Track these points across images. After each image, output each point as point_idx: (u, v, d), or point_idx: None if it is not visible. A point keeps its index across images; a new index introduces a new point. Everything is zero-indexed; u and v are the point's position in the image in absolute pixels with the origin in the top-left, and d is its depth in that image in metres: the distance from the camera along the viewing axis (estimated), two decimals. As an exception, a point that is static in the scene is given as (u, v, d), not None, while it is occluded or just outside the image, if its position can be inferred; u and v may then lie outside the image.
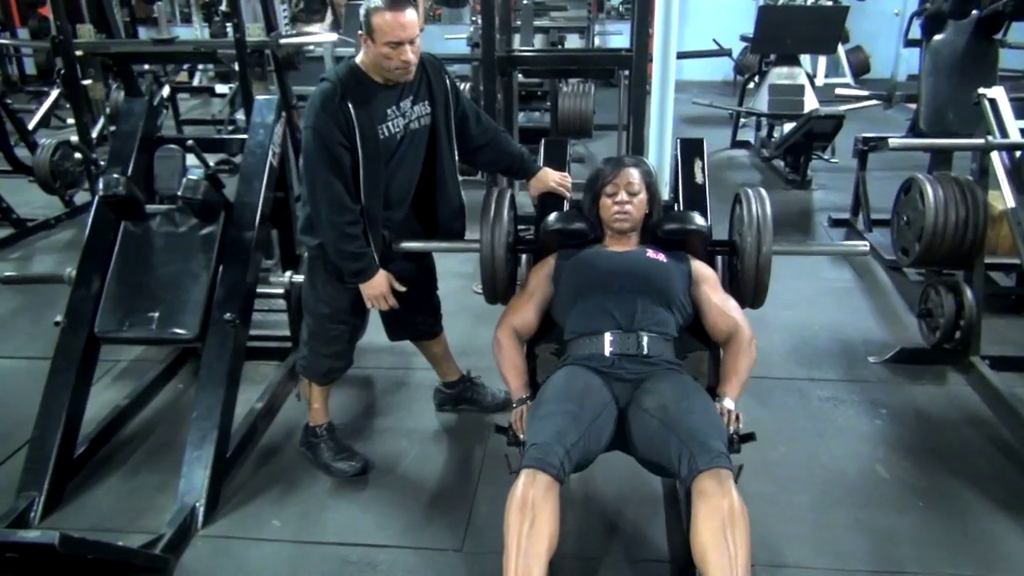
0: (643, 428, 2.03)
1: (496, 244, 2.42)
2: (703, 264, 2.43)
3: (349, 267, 2.42)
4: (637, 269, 2.31)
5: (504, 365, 2.32)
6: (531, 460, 1.87)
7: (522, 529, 1.79)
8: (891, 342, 3.61)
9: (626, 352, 2.16)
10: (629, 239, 2.44)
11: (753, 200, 2.38)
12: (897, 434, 2.97)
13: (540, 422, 1.99)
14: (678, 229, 2.47)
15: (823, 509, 2.55)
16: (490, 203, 2.48)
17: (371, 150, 2.33)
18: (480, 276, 2.49)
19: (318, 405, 2.80)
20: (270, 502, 2.63)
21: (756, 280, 2.35)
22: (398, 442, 2.96)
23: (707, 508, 1.80)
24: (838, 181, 6.15)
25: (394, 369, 3.46)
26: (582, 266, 2.36)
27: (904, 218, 3.54)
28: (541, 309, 2.40)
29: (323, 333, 2.64)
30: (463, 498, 2.63)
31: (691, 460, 1.86)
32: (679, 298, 2.29)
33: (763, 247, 2.32)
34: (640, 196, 2.42)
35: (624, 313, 2.22)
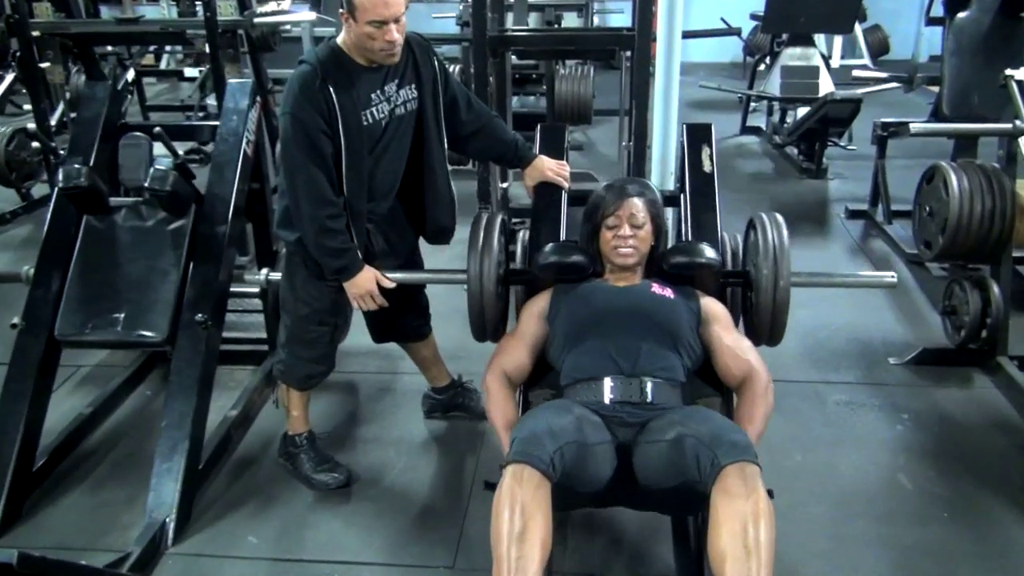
0: (652, 453, 1.96)
1: (485, 276, 2.37)
2: (713, 301, 2.37)
3: (331, 264, 2.42)
4: (641, 306, 2.26)
5: (494, 414, 2.23)
6: (516, 454, 1.81)
7: (511, 543, 1.73)
8: (913, 342, 3.62)
9: (628, 400, 2.09)
10: (633, 273, 2.39)
11: (768, 227, 2.34)
12: (920, 440, 2.99)
13: (525, 421, 1.95)
14: (686, 263, 2.40)
15: (841, 522, 2.56)
16: (479, 231, 2.43)
17: (354, 138, 2.33)
18: (468, 319, 2.44)
19: (297, 413, 2.80)
20: (246, 517, 2.63)
21: (773, 316, 2.30)
22: (384, 452, 2.96)
23: (729, 509, 1.72)
24: (855, 170, 6.16)
25: (379, 373, 3.46)
26: (580, 303, 2.30)
27: (926, 209, 3.55)
28: (535, 351, 2.34)
29: (302, 335, 2.64)
30: (454, 512, 2.63)
31: (713, 458, 1.78)
32: (687, 339, 2.23)
33: (780, 280, 2.27)
34: (645, 229, 2.37)
35: (626, 356, 2.15)
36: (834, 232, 5.13)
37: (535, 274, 2.49)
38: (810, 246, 4.84)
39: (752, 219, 2.44)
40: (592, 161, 6.39)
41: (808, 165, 6.29)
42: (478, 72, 3.99)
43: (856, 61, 9.36)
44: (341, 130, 2.30)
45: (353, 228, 2.41)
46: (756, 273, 2.34)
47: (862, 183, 5.57)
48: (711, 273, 2.42)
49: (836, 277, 2.68)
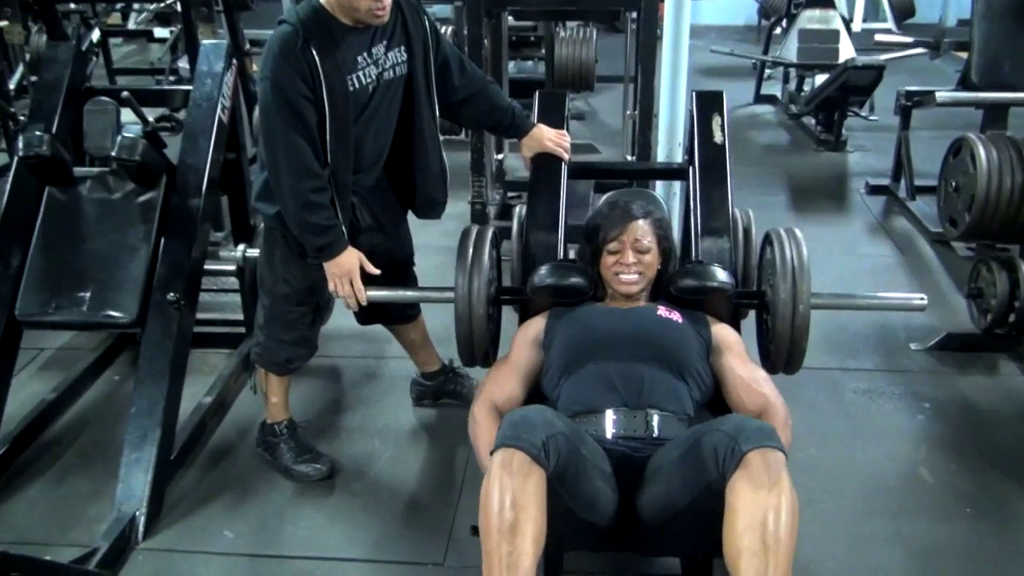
0: (662, 470, 1.91)
1: (474, 296, 2.32)
2: (725, 327, 2.33)
3: (314, 241, 2.41)
4: (646, 331, 2.21)
5: (480, 448, 2.15)
6: (503, 438, 1.74)
7: (501, 537, 1.69)
8: (936, 326, 3.63)
9: (632, 435, 2.03)
10: (636, 298, 2.35)
11: (786, 243, 2.30)
12: (942, 432, 3.00)
13: (516, 409, 1.91)
14: (696, 287, 2.35)
15: (858, 519, 2.57)
16: (467, 245, 2.38)
17: (339, 104, 2.32)
18: (455, 342, 2.40)
19: (277, 399, 2.80)
20: (221, 511, 2.63)
21: (791, 342, 2.26)
22: (369, 442, 2.97)
23: (749, 499, 1.67)
24: (877, 142, 6.16)
25: (364, 358, 3.46)
26: (578, 327, 2.25)
27: (952, 184, 3.55)
28: (528, 381, 2.28)
29: (281, 316, 2.63)
30: (445, 505, 2.64)
31: (734, 445, 1.72)
32: (696, 368, 2.18)
33: (799, 304, 2.23)
34: (651, 253, 2.33)
35: (629, 386, 2.09)
36: (853, 209, 5.13)
37: (528, 295, 2.44)
38: (827, 224, 4.84)
39: (768, 234, 2.39)
40: (594, 131, 6.38)
41: (826, 137, 6.28)
42: (472, 34, 3.97)
43: (879, 25, 9.34)
44: (325, 96, 2.28)
45: (338, 202, 2.39)
46: (772, 295, 2.29)
47: (884, 156, 5.56)
48: (723, 297, 2.37)
49: (860, 299, 2.64)
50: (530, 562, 1.71)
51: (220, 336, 3.52)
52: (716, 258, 2.50)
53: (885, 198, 5.19)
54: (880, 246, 4.56)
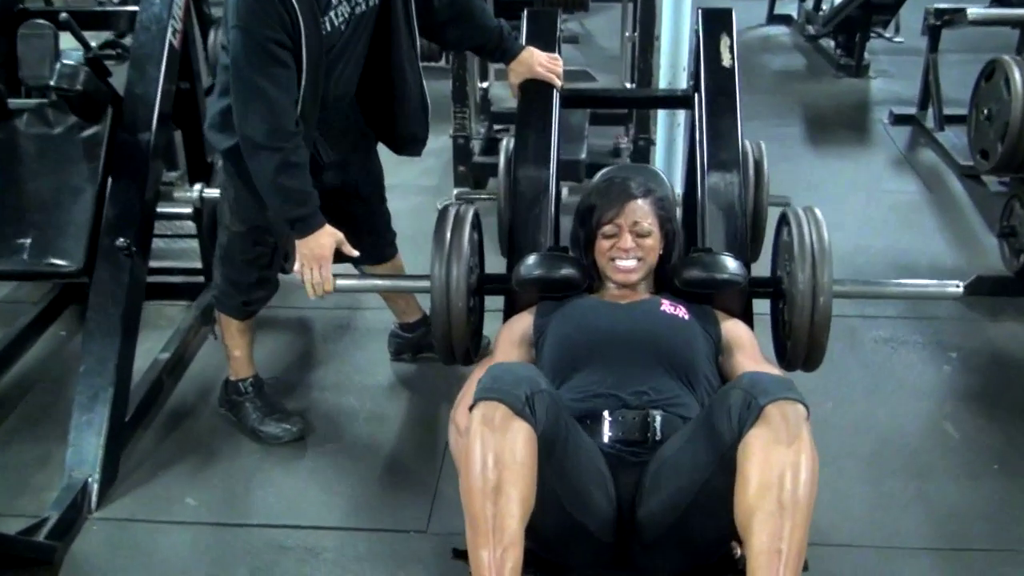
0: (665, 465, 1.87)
1: (453, 286, 2.24)
2: (736, 323, 2.26)
3: (288, 212, 2.33)
4: (648, 330, 2.13)
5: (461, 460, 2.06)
6: (483, 391, 1.72)
7: (485, 499, 1.67)
8: (965, 269, 3.65)
9: (631, 438, 1.96)
10: (636, 289, 2.28)
11: (805, 225, 2.23)
12: (970, 383, 3.04)
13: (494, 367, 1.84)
14: (703, 280, 2.27)
15: (878, 478, 2.61)
16: (445, 228, 2.30)
17: (314, 51, 2.25)
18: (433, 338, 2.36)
19: (240, 354, 2.81)
20: (182, 476, 2.65)
21: (810, 337, 2.19)
22: (344, 400, 2.99)
23: (764, 456, 1.64)
24: (902, 66, 6.12)
25: (337, 309, 3.46)
26: (571, 324, 2.18)
27: (984, 112, 3.54)
28: None
29: (237, 255, 2.64)
30: (427, 468, 2.66)
31: (750, 400, 1.69)
32: (704, 371, 2.10)
33: (820, 296, 2.15)
34: (652, 237, 2.25)
35: (629, 390, 2.02)
36: (876, 141, 5.12)
37: (515, 293, 2.39)
38: (847, 158, 4.84)
39: (785, 214, 2.33)
40: (589, 56, 6.31)
41: (847, 61, 6.25)
42: (452, -54, 3.90)
43: (906, -65, 9.22)
44: (304, 43, 2.23)
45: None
46: (790, 283, 2.22)
47: (910, 82, 5.54)
48: (735, 291, 2.30)
49: (889, 287, 2.58)
50: (517, 525, 1.71)
51: (177, 286, 3.51)
52: (724, 197, 2.48)
53: (911, 128, 5.18)
54: (905, 181, 4.56)
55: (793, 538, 1.64)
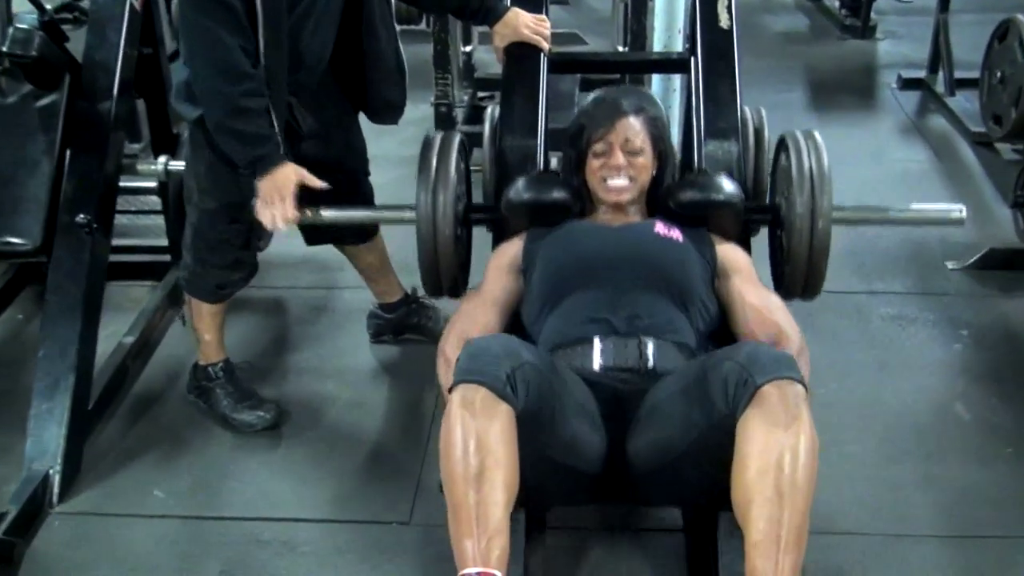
0: (659, 409, 1.94)
1: (440, 214, 2.30)
2: (732, 247, 2.33)
3: (244, 153, 2.35)
4: (641, 251, 2.21)
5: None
6: (463, 372, 1.76)
7: (467, 486, 1.71)
8: (977, 241, 3.66)
9: (624, 365, 2.04)
10: (628, 212, 2.34)
11: (804, 149, 2.29)
12: (982, 362, 3.05)
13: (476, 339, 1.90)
14: (699, 201, 2.34)
15: (885, 461, 2.62)
16: (430, 155, 2.36)
17: (271, 4, 2.26)
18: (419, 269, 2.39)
19: (210, 337, 2.80)
20: (150, 467, 2.65)
21: (809, 263, 2.27)
22: (321, 385, 2.98)
23: (762, 439, 1.69)
24: (911, 27, 6.12)
25: (313, 288, 3.46)
26: (562, 249, 2.25)
27: (997, 75, 3.56)
28: (505, 312, 2.29)
29: (210, 235, 2.61)
30: (410, 456, 2.66)
31: (747, 377, 1.73)
32: (699, 294, 2.19)
33: (819, 219, 2.22)
34: (644, 155, 2.30)
35: (621, 313, 2.10)
36: (883, 106, 5.13)
37: (504, 218, 2.43)
38: (853, 124, 4.84)
39: (783, 138, 2.38)
40: (579, 18, 6.29)
41: (852, 22, 6.24)
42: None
43: None
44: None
45: (272, 107, 2.35)
46: (787, 209, 2.29)
47: (919, 44, 5.54)
48: (731, 213, 2.36)
49: (890, 212, 2.63)
50: (502, 513, 1.73)
51: (141, 265, 3.49)
52: (722, 166, 2.49)
53: (920, 93, 5.19)
54: (913, 149, 4.57)
55: (792, 524, 1.68)
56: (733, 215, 2.36)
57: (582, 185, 2.37)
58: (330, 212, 2.53)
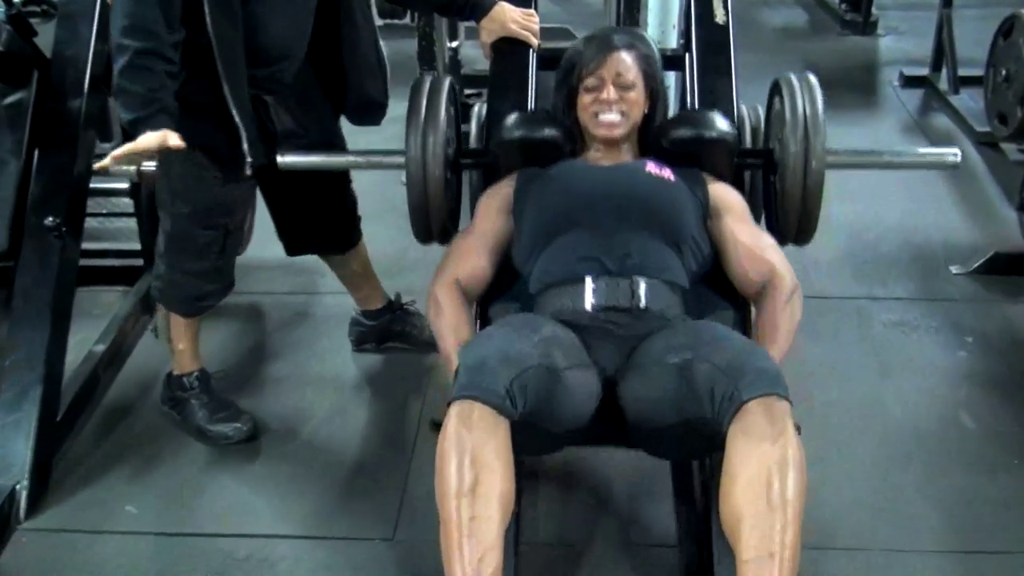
0: (648, 380, 1.99)
1: (430, 158, 2.34)
2: (725, 187, 2.37)
3: (126, 113, 2.26)
4: (633, 191, 2.24)
5: (443, 333, 2.22)
6: (461, 387, 1.80)
7: (460, 499, 1.73)
8: (982, 245, 3.67)
9: (615, 304, 2.10)
10: (620, 151, 2.39)
11: (798, 91, 2.34)
12: (987, 369, 3.06)
13: (473, 345, 1.95)
14: (692, 138, 2.39)
15: (887, 470, 2.63)
16: (420, 98, 2.39)
17: None
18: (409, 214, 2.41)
19: (185, 346, 2.79)
20: (122, 481, 2.63)
21: (802, 205, 2.32)
22: (301, 395, 2.98)
23: (750, 455, 1.73)
24: (914, 23, 6.15)
25: (293, 294, 3.45)
26: (553, 188, 2.29)
27: (1003, 73, 3.57)
28: (496, 254, 2.33)
29: (185, 241, 2.60)
30: (394, 470, 2.66)
31: (732, 390, 1.78)
32: (692, 234, 2.24)
33: (812, 160, 2.27)
34: (636, 90, 2.34)
35: (612, 253, 2.16)
36: (885, 104, 5.15)
37: (494, 155, 2.47)
38: (854, 123, 4.84)
39: (777, 81, 2.43)
40: (569, 11, 6.30)
41: (853, 17, 6.27)
42: None
43: None
44: None
45: (231, 98, 2.33)
46: (781, 151, 2.35)
47: (921, 40, 5.56)
48: (725, 151, 2.41)
49: (884, 155, 2.68)
50: (496, 528, 1.74)
51: (113, 270, 3.48)
52: None
53: (923, 91, 5.21)
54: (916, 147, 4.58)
55: (786, 538, 1.70)
56: (726, 152, 2.41)
57: (574, 124, 2.41)
58: (318, 157, 2.57)
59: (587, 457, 2.65)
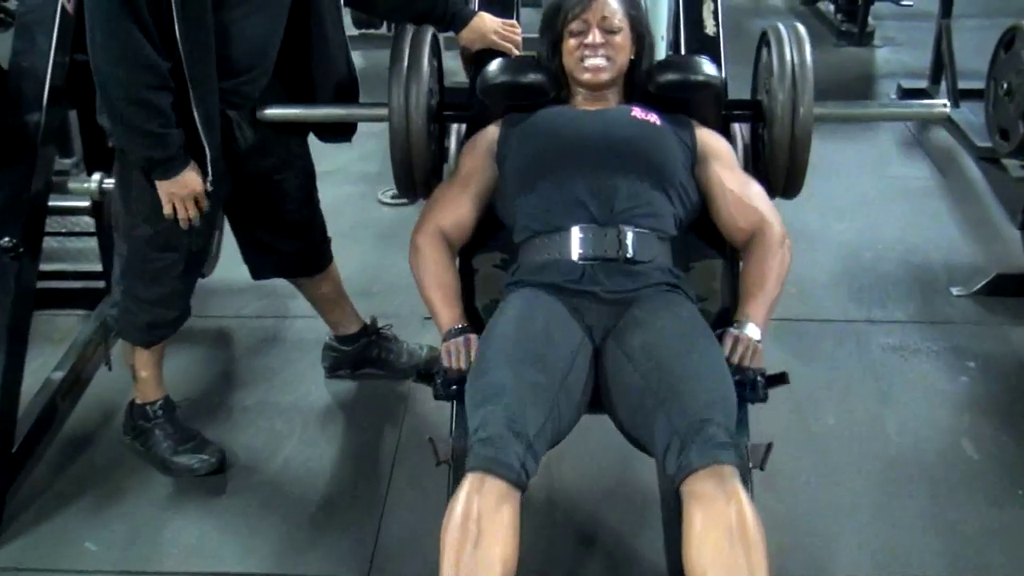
0: (622, 382, 2.04)
1: (412, 108, 2.40)
2: (712, 133, 2.43)
3: (145, 153, 2.34)
4: (619, 135, 2.30)
5: (426, 283, 2.28)
6: (478, 459, 1.83)
7: (462, 553, 1.75)
8: (984, 265, 3.70)
9: (603, 255, 2.16)
10: (606, 97, 2.44)
11: (786, 41, 2.40)
12: (991, 396, 3.07)
13: (486, 400, 1.96)
14: (679, 82, 2.45)
15: (886, 502, 2.63)
16: (402, 48, 2.44)
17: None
18: (392, 168, 2.45)
19: (147, 374, 2.78)
20: (81, 516, 2.62)
21: (791, 155, 2.38)
22: (270, 425, 2.97)
23: (706, 515, 1.79)
24: (912, 33, 6.20)
25: (262, 317, 3.45)
26: (539, 133, 2.35)
27: (1004, 86, 3.58)
28: (481, 201, 2.39)
29: (142, 266, 2.59)
30: (368, 505, 2.65)
31: (682, 452, 1.84)
32: (679, 178, 2.29)
33: (800, 108, 2.34)
34: (622, 35, 2.39)
35: (599, 199, 2.21)
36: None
37: (479, 107, 2.52)
38: (850, 138, 4.87)
39: (765, 32, 2.50)
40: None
41: (848, 27, 6.32)
42: None
43: None
44: None
45: (199, 115, 2.32)
46: (770, 101, 2.41)
47: (919, 51, 5.60)
48: (712, 97, 2.46)
49: (871, 107, 2.76)
50: None
51: (72, 292, 3.46)
52: None
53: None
54: (915, 165, 4.62)
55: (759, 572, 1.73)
56: (713, 97, 2.48)
57: (559, 69, 2.46)
58: (298, 110, 2.60)
59: (576, 487, 2.66)
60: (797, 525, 2.50)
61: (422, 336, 3.19)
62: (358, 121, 2.70)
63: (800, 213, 3.54)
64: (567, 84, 2.46)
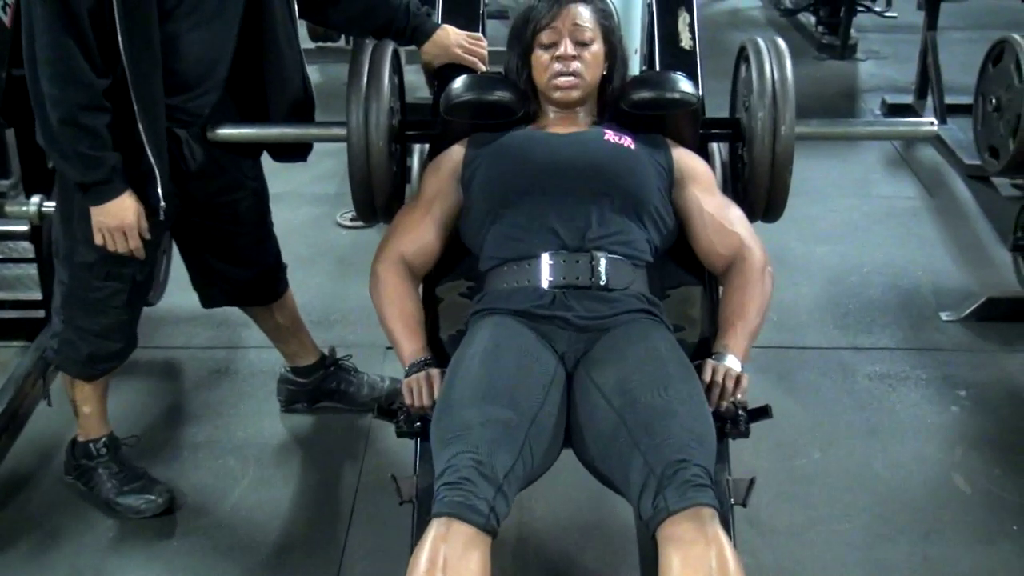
0: (595, 419, 2.02)
1: (372, 127, 2.39)
2: (690, 154, 2.42)
3: (78, 175, 2.34)
4: (591, 159, 2.30)
5: (387, 313, 2.27)
6: (444, 504, 1.82)
7: None
8: (974, 289, 3.73)
9: (574, 282, 2.16)
10: (577, 116, 2.43)
11: (766, 56, 2.41)
12: (983, 427, 3.09)
13: (452, 441, 1.94)
14: (653, 99, 2.44)
15: (875, 541, 2.64)
16: (362, 63, 2.44)
17: (134, 8, 2.25)
18: (351, 190, 2.45)
19: (91, 409, 2.76)
20: (19, 561, 2.60)
21: (771, 177, 2.39)
22: (222, 463, 2.95)
23: (684, 560, 1.78)
24: (896, 47, 6.26)
25: (212, 348, 3.43)
26: (507, 156, 2.34)
27: (992, 101, 3.62)
28: (445, 226, 2.38)
29: (85, 294, 2.57)
30: (327, 550, 2.64)
31: (658, 494, 1.83)
32: (654, 204, 2.28)
33: (781, 126, 2.34)
34: (594, 47, 2.37)
35: (571, 226, 2.21)
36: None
37: (442, 126, 2.51)
38: (833, 156, 4.90)
39: (744, 46, 2.50)
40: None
41: (830, 40, 6.38)
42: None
43: None
44: None
45: (145, 134, 2.33)
46: (749, 119, 2.41)
47: (904, 65, 5.67)
48: (688, 115, 2.46)
49: (855, 126, 2.75)
50: None
51: (10, 322, 3.46)
52: None
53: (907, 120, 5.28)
54: (901, 184, 4.65)
55: None
56: (690, 115, 2.46)
57: (528, 85, 2.45)
58: (251, 129, 2.58)
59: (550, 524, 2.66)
60: (782, 569, 2.50)
61: (384, 367, 3.18)
62: (315, 141, 2.70)
63: (782, 236, 3.59)
64: (536, 100, 2.46)
